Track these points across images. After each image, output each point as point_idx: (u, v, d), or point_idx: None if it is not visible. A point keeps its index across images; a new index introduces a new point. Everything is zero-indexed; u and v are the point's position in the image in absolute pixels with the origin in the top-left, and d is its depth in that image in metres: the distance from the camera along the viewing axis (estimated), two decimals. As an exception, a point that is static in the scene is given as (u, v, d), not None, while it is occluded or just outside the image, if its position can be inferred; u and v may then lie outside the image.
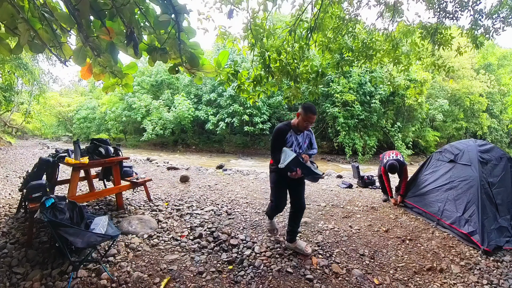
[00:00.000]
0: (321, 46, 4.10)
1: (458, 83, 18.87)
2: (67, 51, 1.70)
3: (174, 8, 1.51)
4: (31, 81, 14.08)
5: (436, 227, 3.21)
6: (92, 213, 3.18)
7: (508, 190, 3.01)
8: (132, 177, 3.84)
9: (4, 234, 2.70)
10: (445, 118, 18.05)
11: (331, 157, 16.75)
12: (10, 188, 4.76)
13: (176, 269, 2.19)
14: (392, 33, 4.23)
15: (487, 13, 3.85)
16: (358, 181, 5.87)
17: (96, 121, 25.28)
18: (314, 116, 2.32)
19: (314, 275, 2.21)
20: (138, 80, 21.07)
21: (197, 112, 19.02)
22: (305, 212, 3.76)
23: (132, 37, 1.45)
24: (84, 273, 2.03)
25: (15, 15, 1.37)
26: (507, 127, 20.20)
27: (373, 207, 4.05)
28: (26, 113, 18.84)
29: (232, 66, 3.43)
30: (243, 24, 3.38)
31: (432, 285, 2.13)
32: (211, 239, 2.77)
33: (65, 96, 32.92)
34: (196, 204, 3.90)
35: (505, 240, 2.70)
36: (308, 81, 3.81)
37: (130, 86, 2.20)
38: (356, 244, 2.79)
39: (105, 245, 2.42)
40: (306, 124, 2.34)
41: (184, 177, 5.69)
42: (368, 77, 15.79)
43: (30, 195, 2.57)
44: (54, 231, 1.85)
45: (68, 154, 3.24)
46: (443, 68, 4.41)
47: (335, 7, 3.74)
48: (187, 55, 1.81)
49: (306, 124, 2.34)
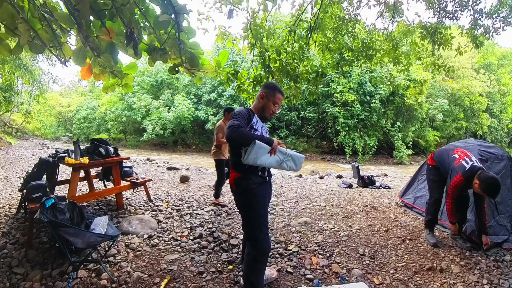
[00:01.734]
0: (321, 46, 4.10)
1: (458, 83, 18.86)
2: (67, 51, 1.70)
3: (174, 8, 1.51)
4: (31, 81, 14.08)
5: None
6: (92, 213, 3.18)
7: (508, 189, 3.01)
8: (132, 177, 3.84)
9: (4, 235, 2.70)
10: (445, 118, 18.04)
11: (331, 157, 16.75)
12: (10, 188, 4.76)
13: (176, 269, 2.19)
14: (392, 33, 4.23)
15: (487, 13, 3.85)
16: (358, 181, 5.88)
17: (96, 121, 25.27)
18: (282, 97, 1.87)
19: (314, 275, 2.21)
20: (138, 80, 21.06)
21: (197, 112, 19.00)
22: (305, 212, 3.78)
23: (132, 37, 1.45)
24: (84, 274, 2.03)
25: (15, 16, 1.37)
26: (507, 127, 20.21)
27: (373, 207, 4.05)
28: (26, 114, 18.83)
29: (232, 66, 3.44)
30: (243, 24, 3.38)
31: (432, 284, 2.13)
32: (211, 239, 2.77)
33: (65, 96, 32.91)
34: (196, 204, 3.90)
35: (503, 238, 2.71)
36: (308, 81, 3.81)
37: (130, 86, 2.20)
38: (356, 244, 2.79)
39: (105, 245, 2.42)
40: (274, 108, 1.85)
41: (184, 177, 5.69)
42: (368, 77, 15.78)
43: (30, 195, 2.57)
44: (54, 231, 1.85)
45: (68, 154, 3.24)
46: (443, 68, 4.42)
47: (335, 7, 3.73)
48: (187, 55, 1.82)
49: (274, 108, 1.85)
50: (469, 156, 2.62)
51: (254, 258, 1.72)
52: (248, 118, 1.72)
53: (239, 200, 1.78)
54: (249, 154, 1.57)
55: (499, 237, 2.70)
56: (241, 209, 1.79)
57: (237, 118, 1.64)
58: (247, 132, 1.62)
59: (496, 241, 2.66)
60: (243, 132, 1.58)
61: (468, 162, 2.54)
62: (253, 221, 1.73)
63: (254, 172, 1.75)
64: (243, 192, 1.74)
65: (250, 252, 1.73)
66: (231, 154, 1.82)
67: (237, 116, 1.66)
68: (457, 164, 2.58)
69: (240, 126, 1.58)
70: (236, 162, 1.72)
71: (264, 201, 1.82)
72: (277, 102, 1.83)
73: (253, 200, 1.73)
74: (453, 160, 2.66)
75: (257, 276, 1.74)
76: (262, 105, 1.83)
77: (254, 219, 1.73)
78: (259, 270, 1.74)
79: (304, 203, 4.22)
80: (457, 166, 2.56)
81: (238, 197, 1.78)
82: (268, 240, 1.75)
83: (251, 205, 1.74)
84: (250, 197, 1.73)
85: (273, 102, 1.82)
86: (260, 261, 1.73)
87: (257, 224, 1.73)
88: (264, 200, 1.82)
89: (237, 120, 1.62)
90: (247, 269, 1.74)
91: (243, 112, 1.71)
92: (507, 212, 2.88)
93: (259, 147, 1.58)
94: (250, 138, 1.57)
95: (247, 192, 1.73)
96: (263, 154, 1.61)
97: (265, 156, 1.62)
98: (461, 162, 2.57)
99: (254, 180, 1.74)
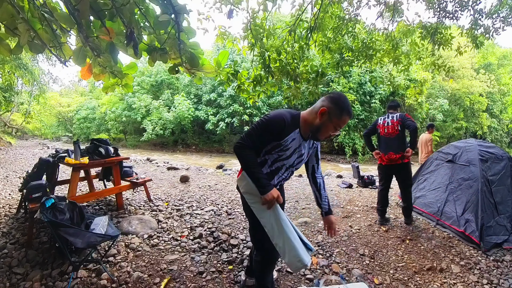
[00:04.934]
0: (321, 46, 4.10)
1: (458, 83, 18.87)
2: (67, 51, 1.70)
3: (174, 8, 1.51)
4: (31, 81, 14.08)
5: (436, 227, 3.21)
6: (92, 213, 3.18)
7: (507, 189, 3.02)
8: (132, 177, 3.84)
9: (4, 235, 2.70)
10: (445, 118, 18.05)
11: (331, 157, 16.76)
12: (10, 188, 4.76)
13: (176, 269, 2.19)
14: (392, 33, 4.23)
15: (487, 13, 3.85)
16: (358, 181, 5.87)
17: (96, 121, 25.29)
18: (349, 119, 1.37)
19: (314, 275, 2.21)
20: (138, 80, 21.09)
21: (197, 112, 19.03)
22: (305, 212, 3.78)
23: (132, 37, 1.45)
24: (84, 273, 2.03)
25: (15, 16, 1.37)
26: (507, 127, 20.21)
27: (373, 207, 4.05)
28: (26, 113, 18.84)
29: (232, 66, 3.44)
30: (243, 24, 3.38)
31: (432, 284, 2.12)
32: (211, 239, 2.77)
33: (65, 96, 32.94)
34: (196, 204, 3.90)
35: (504, 238, 2.71)
36: (308, 81, 3.81)
37: (130, 86, 2.20)
38: (356, 244, 2.79)
39: (105, 245, 2.42)
40: (334, 133, 1.37)
41: (184, 177, 5.69)
42: (368, 77, 15.81)
43: (30, 195, 2.57)
44: (54, 231, 1.85)
45: (68, 154, 3.24)
46: (443, 68, 4.42)
47: (335, 7, 3.74)
48: (187, 55, 1.82)
49: (334, 133, 1.37)
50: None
51: (262, 264, 1.60)
52: (279, 132, 1.33)
53: (244, 202, 1.54)
54: (242, 184, 1.40)
55: (499, 237, 2.70)
56: (247, 212, 1.56)
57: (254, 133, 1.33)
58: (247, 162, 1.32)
59: (496, 241, 2.66)
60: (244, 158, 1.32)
61: None
62: (259, 228, 1.45)
63: (269, 178, 1.48)
64: None
65: (257, 259, 1.61)
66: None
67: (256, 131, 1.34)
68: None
69: (245, 147, 1.31)
70: None
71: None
72: (341, 126, 1.35)
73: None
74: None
75: (266, 276, 1.68)
76: (319, 124, 1.34)
77: (260, 227, 1.43)
78: (266, 271, 1.66)
79: (304, 203, 4.22)
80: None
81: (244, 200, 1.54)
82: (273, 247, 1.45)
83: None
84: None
85: (335, 126, 1.33)
86: (266, 266, 1.63)
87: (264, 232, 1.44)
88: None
89: (251, 137, 1.33)
90: (256, 268, 1.69)
91: (272, 127, 1.32)
92: (507, 212, 2.88)
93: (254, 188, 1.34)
94: (248, 173, 1.35)
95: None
96: (254, 196, 1.38)
97: (256, 201, 1.38)
98: None
99: None
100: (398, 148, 3.08)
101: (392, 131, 3.13)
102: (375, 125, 3.31)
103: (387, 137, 3.17)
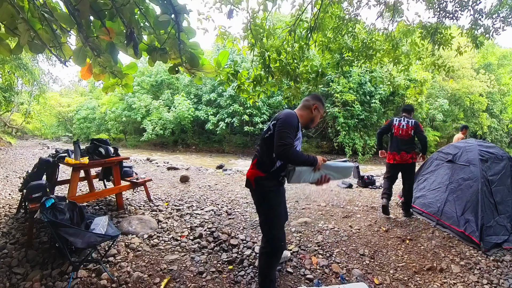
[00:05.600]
0: (321, 46, 4.10)
1: (458, 83, 18.86)
2: (67, 51, 1.70)
3: (174, 8, 1.51)
4: (31, 81, 14.08)
5: (436, 227, 3.21)
6: (92, 213, 3.18)
7: (507, 189, 3.02)
8: (132, 177, 3.84)
9: (4, 235, 2.70)
10: (445, 118, 18.03)
11: (331, 157, 16.75)
12: (10, 188, 4.76)
13: (176, 269, 2.19)
14: (392, 33, 4.23)
15: (487, 13, 3.85)
16: (358, 181, 5.87)
17: (96, 121, 25.26)
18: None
19: (314, 275, 2.21)
20: (138, 80, 21.05)
21: (197, 112, 18.99)
22: (305, 212, 3.78)
23: (132, 37, 1.45)
24: (84, 273, 2.03)
25: (15, 15, 1.37)
26: (507, 127, 20.20)
27: (373, 207, 4.05)
28: (26, 113, 18.83)
29: (232, 66, 3.44)
30: (243, 24, 3.38)
31: (432, 284, 2.13)
32: (211, 239, 2.77)
33: (65, 96, 32.90)
34: (196, 204, 3.90)
35: (504, 238, 2.71)
36: (308, 81, 3.81)
37: (130, 86, 2.20)
38: (356, 244, 2.79)
39: (105, 245, 2.42)
40: (318, 120, 1.94)
41: (184, 177, 5.69)
42: (368, 77, 15.78)
43: (30, 195, 2.57)
44: (54, 231, 1.85)
45: (68, 154, 3.24)
46: (443, 68, 4.42)
47: (335, 7, 3.73)
48: (187, 55, 1.82)
49: (318, 120, 1.94)
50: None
51: (270, 253, 1.80)
52: (297, 126, 1.70)
53: (258, 199, 1.81)
54: (293, 176, 1.67)
55: (499, 237, 2.70)
56: (260, 208, 1.81)
57: (289, 133, 1.61)
58: (298, 156, 1.61)
59: (496, 241, 2.66)
60: (294, 155, 1.59)
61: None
62: (271, 220, 1.79)
63: (278, 175, 1.78)
64: (264, 192, 1.77)
65: (266, 247, 1.80)
66: (262, 152, 1.76)
67: (289, 131, 1.62)
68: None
69: (291, 146, 1.58)
70: (264, 163, 1.74)
71: (283, 200, 1.91)
72: (323, 115, 1.96)
73: (273, 201, 1.78)
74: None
75: (270, 269, 1.84)
76: (313, 116, 1.86)
77: (273, 218, 1.78)
78: (273, 263, 1.84)
79: (304, 203, 4.22)
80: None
81: (258, 196, 1.81)
82: (284, 238, 1.84)
83: (271, 205, 1.77)
84: (270, 197, 1.77)
85: (321, 115, 1.91)
86: (275, 256, 1.81)
87: (275, 224, 1.79)
88: (283, 200, 1.91)
89: (289, 137, 1.60)
90: (262, 261, 1.84)
91: (295, 123, 1.67)
92: (507, 212, 2.88)
93: (304, 169, 1.67)
94: (300, 162, 1.64)
95: (268, 193, 1.76)
96: (306, 173, 1.69)
97: (308, 174, 1.69)
98: None
99: (275, 182, 1.79)
100: (409, 149, 3.50)
101: (406, 134, 3.51)
102: (390, 125, 3.63)
103: (401, 138, 3.53)
